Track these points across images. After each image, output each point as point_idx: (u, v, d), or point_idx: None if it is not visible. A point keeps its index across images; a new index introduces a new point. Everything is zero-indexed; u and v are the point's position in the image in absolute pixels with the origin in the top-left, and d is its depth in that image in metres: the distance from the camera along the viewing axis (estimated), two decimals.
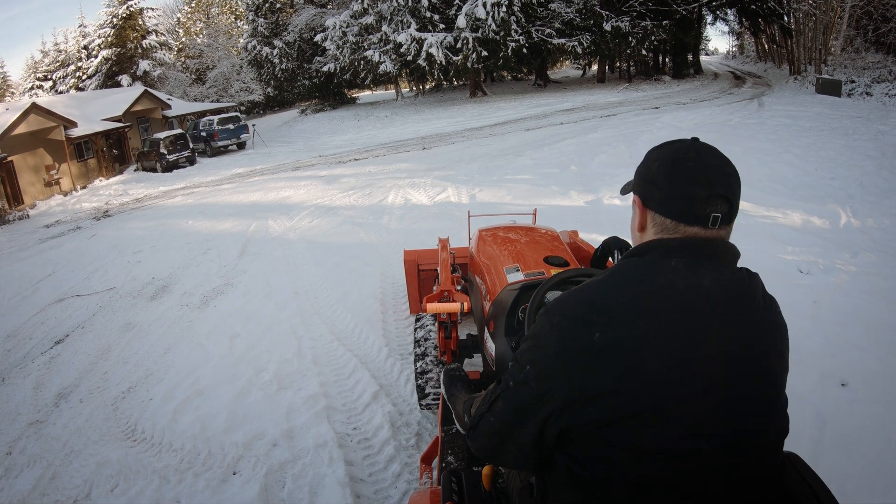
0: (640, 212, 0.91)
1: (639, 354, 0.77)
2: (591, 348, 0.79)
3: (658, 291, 0.81)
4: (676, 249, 0.84)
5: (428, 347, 2.77)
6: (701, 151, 0.87)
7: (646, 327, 0.78)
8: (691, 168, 0.85)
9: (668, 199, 0.86)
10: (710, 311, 0.80)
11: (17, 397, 3.79)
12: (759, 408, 0.84)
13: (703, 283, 0.81)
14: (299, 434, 2.80)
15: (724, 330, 0.81)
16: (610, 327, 0.79)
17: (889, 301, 3.38)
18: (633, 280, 0.83)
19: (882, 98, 13.61)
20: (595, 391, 0.79)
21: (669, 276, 0.81)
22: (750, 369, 0.82)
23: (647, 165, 0.91)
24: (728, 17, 28.31)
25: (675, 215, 0.85)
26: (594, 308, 0.82)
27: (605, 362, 0.78)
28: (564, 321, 0.83)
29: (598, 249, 2.30)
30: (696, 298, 0.80)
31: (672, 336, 0.78)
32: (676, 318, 0.79)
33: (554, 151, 10.14)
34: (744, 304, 0.83)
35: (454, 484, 1.20)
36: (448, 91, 29.64)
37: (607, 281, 0.85)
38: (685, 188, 0.84)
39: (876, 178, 6.05)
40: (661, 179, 0.87)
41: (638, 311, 0.79)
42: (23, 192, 14.82)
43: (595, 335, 0.79)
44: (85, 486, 2.70)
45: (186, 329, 4.43)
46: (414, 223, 6.59)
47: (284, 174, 12.91)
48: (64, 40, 40.04)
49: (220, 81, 37.17)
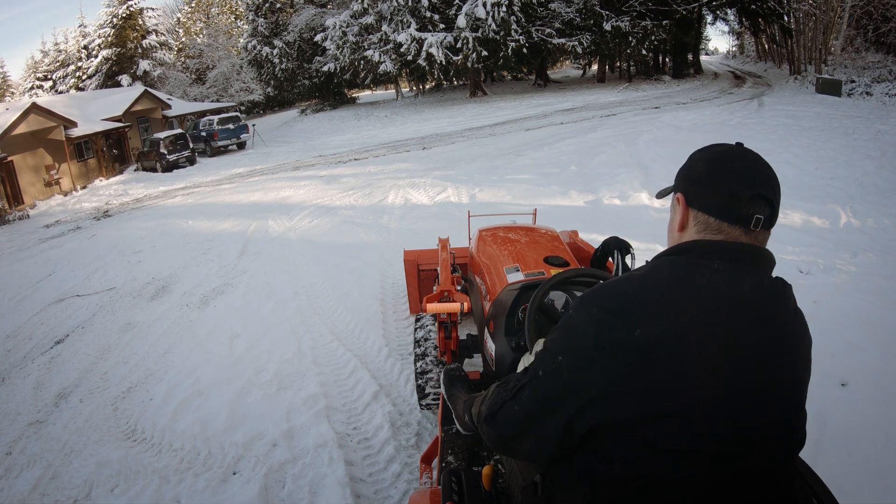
0: (682, 210, 0.91)
1: (679, 353, 0.77)
2: (632, 344, 0.78)
3: (701, 292, 0.81)
4: (718, 252, 0.84)
5: (428, 347, 2.77)
6: (747, 154, 0.89)
7: (686, 326, 0.78)
8: (737, 167, 0.86)
9: (713, 195, 0.86)
10: (749, 315, 0.81)
11: (17, 397, 3.79)
12: (786, 413, 0.84)
13: (743, 287, 0.81)
14: (299, 434, 2.80)
15: (761, 335, 0.81)
16: (652, 322, 0.78)
17: (889, 301, 3.38)
18: (676, 278, 0.83)
19: (882, 98, 13.60)
20: (632, 387, 0.78)
21: (711, 278, 0.82)
22: (781, 376, 0.83)
23: (692, 165, 0.92)
24: (728, 16, 28.30)
25: (719, 213, 0.85)
26: (635, 303, 0.81)
27: (643, 359, 0.77)
28: (604, 314, 0.82)
29: (598, 249, 2.30)
30: (736, 302, 0.81)
31: (712, 337, 0.78)
32: (718, 320, 0.79)
33: (554, 151, 10.14)
34: (779, 312, 0.84)
35: (454, 484, 1.20)
36: (448, 91, 29.64)
37: (647, 277, 0.84)
38: (730, 185, 0.85)
39: (876, 178, 6.05)
40: (706, 176, 0.88)
41: (680, 309, 0.79)
42: (23, 192, 14.82)
43: (636, 331, 0.78)
44: (85, 486, 2.70)
45: (186, 329, 4.43)
46: (414, 223, 6.59)
47: (284, 174, 12.91)
48: (64, 40, 40.08)
49: (220, 81, 37.17)
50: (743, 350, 0.79)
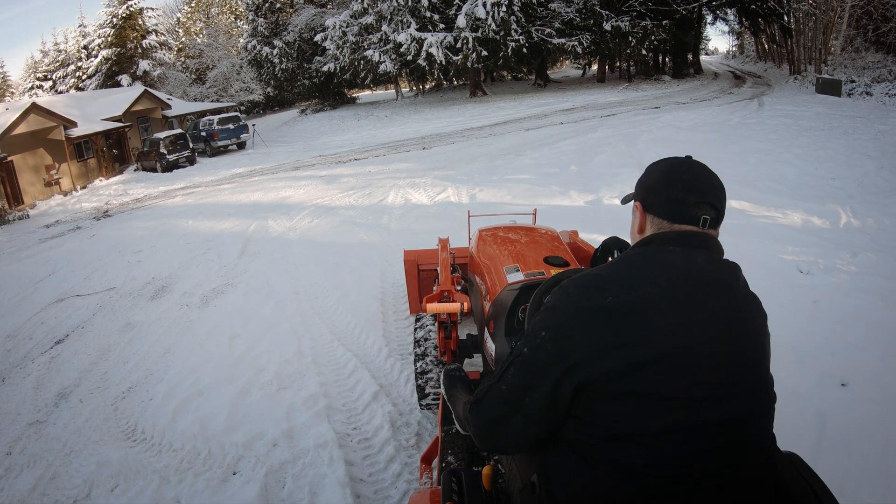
0: (640, 216, 1.07)
1: (647, 313, 0.89)
2: (605, 308, 0.91)
3: (661, 267, 0.95)
4: (673, 240, 0.99)
5: (428, 347, 2.77)
6: (694, 167, 1.03)
7: (652, 292, 0.91)
8: (685, 179, 1.01)
9: (665, 203, 1.01)
10: (705, 282, 0.94)
11: (17, 397, 3.79)
12: (753, 367, 0.96)
13: (697, 261, 0.96)
14: (299, 434, 2.80)
15: (718, 297, 0.94)
16: (621, 292, 0.91)
17: (889, 301, 3.38)
18: (639, 259, 0.98)
19: (882, 98, 13.60)
20: (608, 345, 0.89)
21: (670, 257, 0.96)
22: (740, 330, 0.95)
23: (648, 176, 1.08)
24: (728, 16, 28.30)
25: (671, 217, 1.01)
26: (605, 279, 0.95)
27: (617, 320, 0.89)
28: (580, 290, 0.96)
29: (598, 249, 2.30)
30: (693, 272, 0.94)
31: (674, 299, 0.91)
32: (678, 286, 0.92)
33: (554, 151, 10.14)
34: (731, 283, 0.98)
35: (454, 484, 1.20)
36: (448, 91, 29.63)
37: (615, 262, 1.00)
38: (679, 194, 1.00)
39: (876, 178, 6.05)
40: (660, 187, 1.03)
41: (645, 280, 0.93)
42: (23, 192, 14.82)
43: (608, 298, 0.91)
44: (85, 486, 2.70)
45: (186, 329, 4.43)
46: (414, 223, 6.59)
47: (284, 174, 12.91)
48: (64, 40, 40.08)
49: (220, 81, 37.17)
50: (703, 308, 0.92)
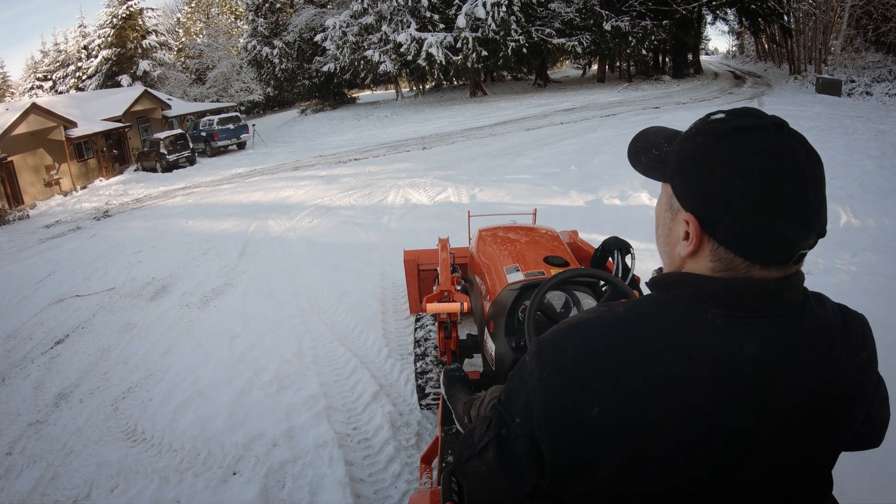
0: (695, 237, 0.64)
1: (643, 439, 0.61)
2: (586, 424, 0.63)
3: (681, 361, 0.61)
4: (715, 297, 0.62)
5: (428, 347, 2.76)
6: (796, 158, 0.60)
7: (658, 408, 0.61)
8: (789, 193, 0.58)
9: (749, 236, 0.60)
10: (745, 386, 0.60)
11: (17, 397, 3.79)
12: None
13: (744, 350, 0.60)
14: (299, 434, 2.80)
15: (759, 409, 0.61)
16: (613, 403, 0.62)
17: (889, 301, 3.38)
18: (651, 338, 0.63)
19: (882, 98, 13.60)
20: (583, 470, 0.65)
21: (701, 339, 0.61)
22: (784, 460, 0.63)
23: (714, 173, 0.62)
24: (728, 16, 28.29)
25: (753, 256, 0.61)
26: (595, 369, 0.63)
27: (600, 444, 0.63)
28: (556, 379, 0.65)
29: (598, 249, 2.30)
30: (729, 371, 0.60)
31: (690, 419, 0.61)
32: (699, 397, 0.60)
33: (554, 151, 10.14)
34: (796, 375, 0.62)
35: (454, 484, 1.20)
36: (448, 91, 29.63)
37: (616, 331, 0.65)
38: (778, 225, 0.59)
39: (876, 177, 6.05)
40: (741, 205, 0.59)
41: (650, 385, 0.61)
42: (23, 192, 14.82)
43: (593, 410, 0.62)
44: (85, 486, 2.70)
45: (186, 329, 4.43)
46: (414, 223, 6.59)
47: (284, 174, 12.91)
48: (64, 40, 40.08)
49: (220, 81, 37.17)
50: (736, 434, 0.61)
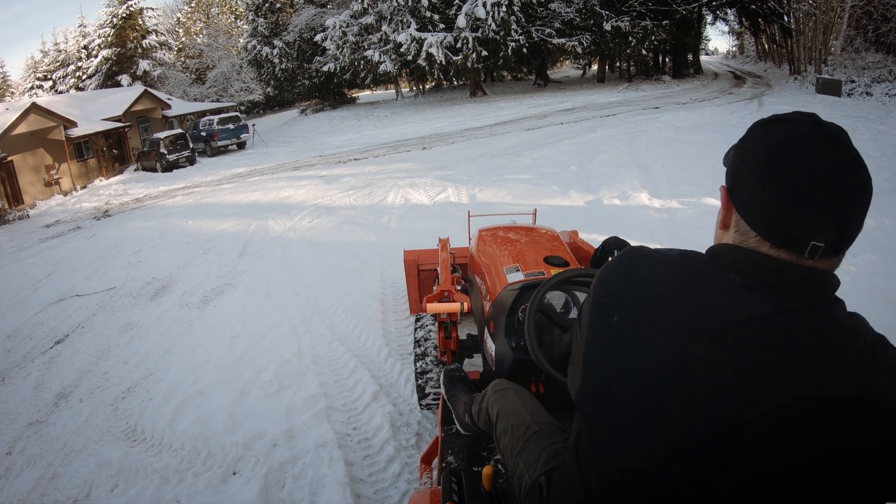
0: (724, 205, 0.72)
1: (645, 353, 0.68)
2: (609, 328, 0.73)
3: (697, 306, 0.66)
4: (743, 263, 0.67)
5: (428, 347, 2.77)
6: (818, 148, 0.63)
7: (663, 332, 0.67)
8: (795, 174, 0.62)
9: (756, 207, 0.66)
10: (740, 345, 0.63)
11: (17, 397, 3.79)
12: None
13: (750, 311, 0.63)
14: (299, 434, 2.80)
15: (744, 374, 0.62)
16: (628, 314, 0.71)
17: (889, 301, 3.38)
18: (683, 278, 0.70)
19: (882, 98, 13.61)
20: (605, 369, 0.73)
21: (720, 295, 0.66)
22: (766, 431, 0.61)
23: (743, 148, 0.69)
24: (728, 16, 28.31)
25: (762, 231, 0.66)
26: (627, 286, 0.74)
27: (616, 344, 0.72)
28: (599, 289, 0.78)
29: (598, 249, 2.30)
30: (731, 326, 0.63)
31: (679, 365, 0.65)
32: (699, 343, 0.64)
33: (554, 151, 10.14)
34: (800, 355, 0.61)
35: (454, 484, 1.20)
36: (448, 91, 29.63)
37: (658, 265, 0.73)
38: (779, 203, 0.63)
39: (876, 177, 5.97)
40: (752, 178, 0.66)
41: (664, 312, 0.68)
42: (23, 192, 14.82)
43: (614, 317, 0.72)
44: (85, 486, 2.70)
45: (186, 329, 4.43)
46: (414, 223, 6.59)
47: (284, 174, 12.91)
48: (64, 40, 40.08)
49: (220, 81, 37.17)
50: (716, 395, 0.63)
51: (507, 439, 1.24)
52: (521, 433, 1.21)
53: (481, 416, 1.45)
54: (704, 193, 6.03)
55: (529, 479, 1.08)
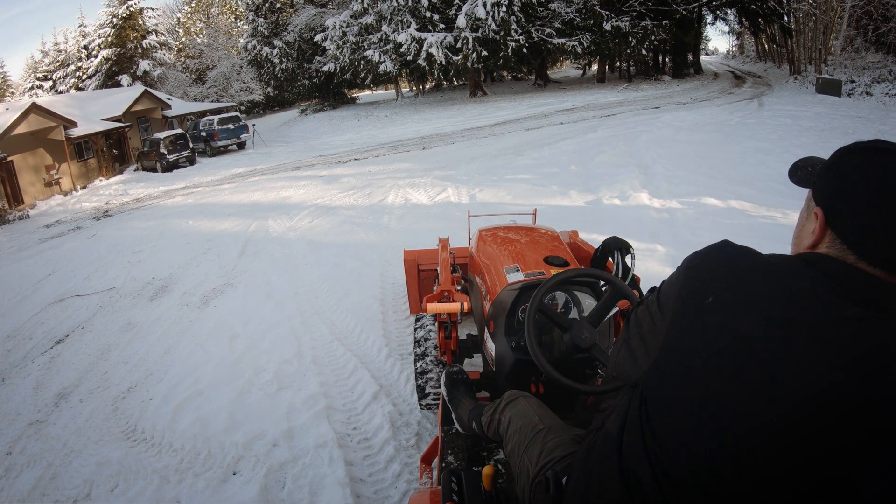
0: (819, 226, 0.76)
1: (730, 339, 0.71)
2: (700, 308, 0.75)
3: (786, 304, 0.70)
4: (841, 275, 0.71)
5: (428, 347, 2.77)
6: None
7: (742, 340, 0.70)
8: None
9: (864, 232, 0.71)
10: (829, 343, 0.66)
11: (17, 397, 3.79)
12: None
13: (842, 314, 0.68)
14: (299, 434, 2.80)
15: (836, 372, 0.65)
16: (719, 303, 0.73)
17: None
18: (774, 277, 0.74)
19: (882, 98, 13.61)
20: (689, 348, 0.75)
21: (812, 295, 0.70)
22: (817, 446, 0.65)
23: (846, 179, 0.74)
24: (728, 16, 28.30)
25: (860, 251, 0.71)
26: (721, 276, 0.76)
27: (704, 327, 0.74)
28: (692, 272, 0.80)
29: (598, 249, 2.30)
30: (824, 327, 0.67)
31: (762, 350, 0.68)
32: (785, 339, 0.67)
33: (554, 151, 10.14)
34: (882, 371, 0.64)
35: (454, 484, 1.20)
36: (448, 91, 29.64)
37: (755, 262, 0.77)
38: (887, 229, 0.69)
39: None
40: (865, 208, 0.71)
41: (752, 307, 0.71)
42: (23, 192, 14.82)
43: (708, 298, 0.75)
44: (85, 486, 2.70)
45: (186, 329, 4.43)
46: (414, 223, 6.59)
47: (284, 174, 12.91)
48: (64, 40, 40.08)
49: (220, 81, 37.17)
50: (807, 380, 0.66)
51: (515, 440, 1.27)
52: (528, 431, 1.25)
53: (492, 426, 1.48)
54: (704, 193, 6.02)
55: (534, 473, 1.08)
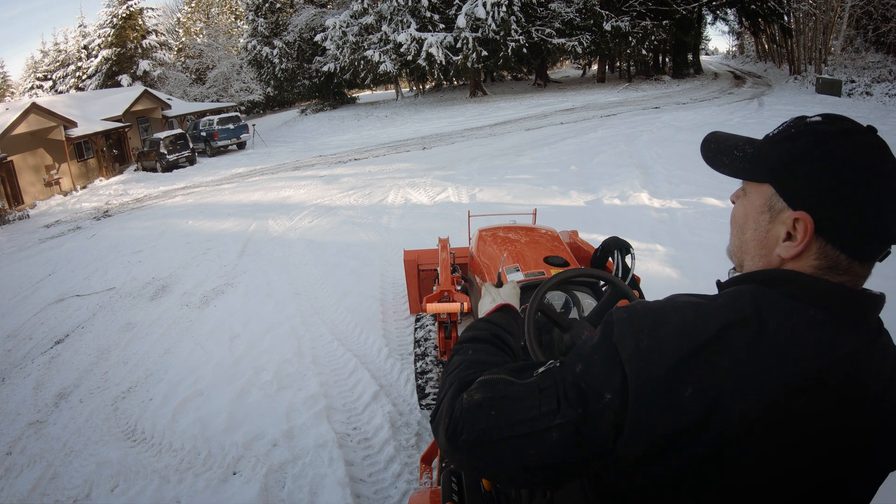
0: (805, 237, 0.63)
1: (733, 426, 0.58)
2: (679, 403, 0.59)
3: (784, 353, 0.58)
4: (819, 295, 0.62)
5: (428, 347, 2.77)
6: (887, 152, 0.63)
7: (755, 402, 0.57)
8: (894, 189, 0.61)
9: (863, 232, 0.61)
10: (835, 392, 0.59)
11: (17, 397, 3.79)
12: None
13: (839, 351, 0.60)
14: (299, 434, 2.80)
15: (842, 420, 0.60)
16: (707, 385, 0.58)
17: (889, 301, 3.37)
18: (758, 326, 0.59)
19: (882, 98, 13.62)
20: (670, 447, 0.60)
21: (801, 330, 0.59)
22: (843, 471, 0.62)
23: (833, 169, 0.62)
24: (728, 16, 28.31)
25: (857, 253, 0.62)
26: (696, 349, 0.59)
27: (689, 424, 0.58)
28: (656, 354, 0.60)
29: (598, 249, 2.30)
30: (829, 372, 0.59)
31: (780, 418, 0.58)
32: (795, 392, 0.58)
33: (554, 151, 10.14)
34: (880, 388, 0.62)
35: (454, 484, 1.20)
36: (448, 91, 29.64)
37: (724, 316, 0.60)
38: (888, 221, 0.61)
39: None
40: (862, 201, 0.60)
41: (746, 373, 0.58)
42: (23, 192, 14.81)
43: (688, 390, 0.58)
44: (85, 486, 2.70)
45: (186, 329, 4.43)
46: (414, 223, 6.59)
47: (284, 174, 12.91)
48: (64, 40, 40.08)
49: (220, 81, 37.17)
50: (831, 436, 0.60)
51: None
52: None
53: None
54: (704, 193, 6.02)
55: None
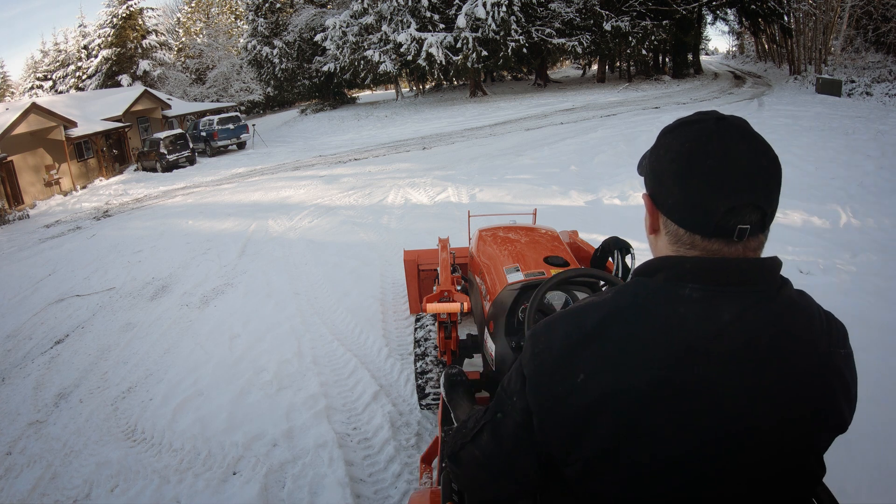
0: (649, 212, 0.75)
1: (629, 407, 0.64)
2: (574, 392, 0.67)
3: (662, 332, 0.65)
4: (690, 273, 0.67)
5: (428, 347, 2.76)
6: (726, 140, 0.67)
7: (643, 378, 0.64)
8: (711, 168, 0.66)
9: (680, 206, 0.69)
10: (725, 358, 0.64)
11: (17, 397, 3.79)
12: (779, 486, 0.69)
13: (721, 318, 0.65)
14: (299, 434, 2.80)
15: (741, 383, 0.64)
16: (598, 371, 0.66)
17: (889, 301, 3.38)
18: (634, 313, 0.68)
19: (882, 98, 13.61)
20: (575, 441, 0.68)
21: (679, 310, 0.66)
22: (773, 437, 0.66)
23: (658, 155, 0.73)
24: (728, 16, 28.30)
25: (690, 226, 0.68)
26: (583, 342, 0.68)
27: (587, 413, 0.66)
28: (546, 354, 0.71)
29: (598, 249, 2.30)
30: (708, 341, 0.64)
31: (676, 391, 0.64)
32: (681, 368, 0.64)
33: (554, 151, 10.14)
34: (777, 347, 0.65)
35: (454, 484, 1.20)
36: (448, 91, 29.64)
37: (603, 310, 0.70)
38: (702, 197, 0.66)
39: (876, 178, 6.05)
40: (671, 180, 0.69)
41: (635, 361, 0.65)
42: (23, 192, 14.81)
43: (579, 377, 0.66)
44: (85, 486, 2.70)
45: (186, 329, 4.43)
46: (414, 223, 6.59)
47: (284, 174, 12.91)
48: (64, 40, 40.08)
49: (220, 81, 37.17)
50: (715, 401, 0.64)
51: None
52: None
53: None
54: None
55: None
